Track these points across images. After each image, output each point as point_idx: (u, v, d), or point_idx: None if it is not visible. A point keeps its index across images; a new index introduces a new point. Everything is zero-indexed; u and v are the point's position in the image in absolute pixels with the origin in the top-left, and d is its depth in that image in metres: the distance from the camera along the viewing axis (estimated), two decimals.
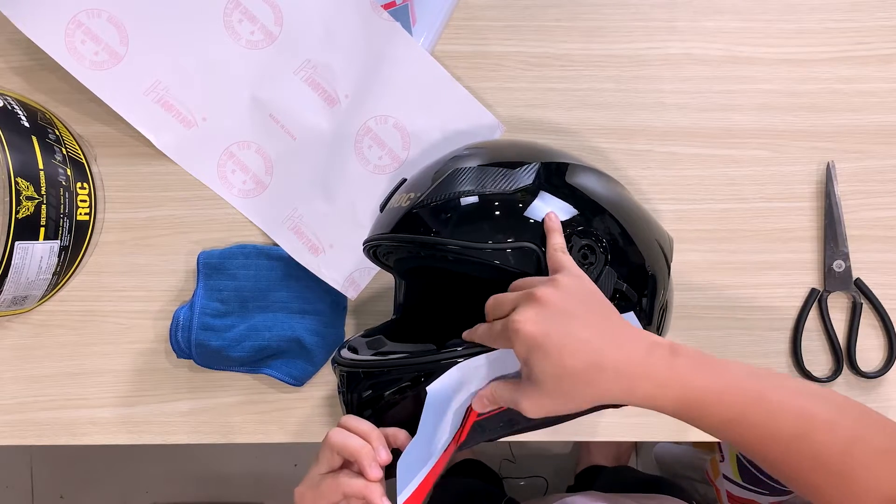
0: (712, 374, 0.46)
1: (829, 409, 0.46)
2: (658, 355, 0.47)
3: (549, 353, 0.46)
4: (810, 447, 0.45)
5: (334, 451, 0.52)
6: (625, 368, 0.46)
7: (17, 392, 0.73)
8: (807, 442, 0.45)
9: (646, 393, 0.46)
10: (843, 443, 0.45)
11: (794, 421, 0.45)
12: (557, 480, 1.47)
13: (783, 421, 0.45)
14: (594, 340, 0.47)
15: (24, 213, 0.65)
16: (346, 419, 0.54)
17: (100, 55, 0.69)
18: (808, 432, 0.45)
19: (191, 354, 0.71)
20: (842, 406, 0.47)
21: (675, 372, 0.46)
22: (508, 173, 0.56)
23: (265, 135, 0.73)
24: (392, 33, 0.71)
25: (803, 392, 0.47)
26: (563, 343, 0.46)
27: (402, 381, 0.55)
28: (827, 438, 0.45)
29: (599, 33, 0.75)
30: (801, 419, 0.45)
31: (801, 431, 0.45)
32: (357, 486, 0.50)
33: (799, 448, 0.45)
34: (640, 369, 0.46)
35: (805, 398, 0.46)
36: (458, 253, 0.54)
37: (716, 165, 0.74)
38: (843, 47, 0.75)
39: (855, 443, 0.45)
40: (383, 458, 0.51)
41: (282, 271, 0.73)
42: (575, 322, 0.47)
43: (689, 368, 0.46)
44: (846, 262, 0.73)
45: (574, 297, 0.48)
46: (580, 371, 0.46)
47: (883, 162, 0.75)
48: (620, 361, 0.46)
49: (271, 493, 1.55)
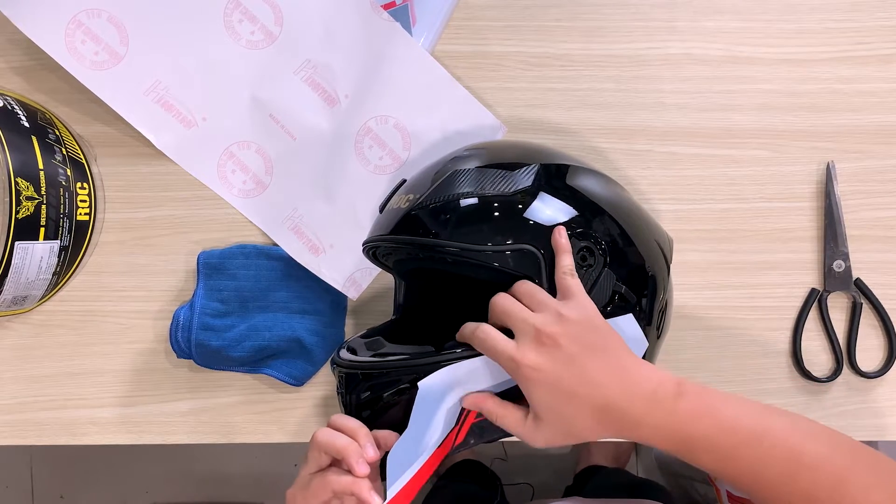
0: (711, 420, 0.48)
1: (818, 448, 0.47)
2: (662, 401, 0.48)
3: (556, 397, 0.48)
4: (800, 487, 0.46)
5: (321, 451, 0.52)
6: (630, 413, 0.48)
7: (17, 392, 0.74)
8: (796, 482, 0.46)
9: (645, 436, 0.48)
10: (832, 481, 0.45)
11: (783, 463, 0.46)
12: (557, 480, 1.47)
13: (773, 463, 0.46)
14: (602, 384, 0.48)
15: (24, 213, 0.65)
16: (334, 418, 0.54)
17: (100, 55, 0.69)
18: (797, 473, 0.46)
19: (191, 354, 0.71)
20: (832, 442, 0.48)
21: (676, 419, 0.47)
22: (508, 175, 0.56)
23: (265, 135, 0.73)
24: (392, 33, 0.71)
25: (795, 432, 0.48)
26: (572, 390, 0.47)
27: (401, 383, 0.55)
28: (816, 477, 0.46)
29: (599, 33, 0.75)
30: (791, 461, 0.46)
31: (791, 472, 0.46)
32: (345, 483, 0.50)
33: (789, 488, 0.46)
34: (643, 413, 0.48)
35: (796, 438, 0.47)
36: (458, 255, 0.54)
37: (716, 165, 0.74)
38: (843, 47, 0.75)
39: (844, 481, 0.45)
40: (370, 455, 0.51)
41: (282, 271, 0.73)
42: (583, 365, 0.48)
43: (690, 415, 0.48)
44: (846, 262, 0.73)
45: (582, 337, 0.49)
46: (587, 415, 0.48)
47: (883, 162, 0.75)
48: (626, 408, 0.48)
49: (271, 493, 1.55)
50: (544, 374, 0.47)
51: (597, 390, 0.48)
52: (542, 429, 0.49)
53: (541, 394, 0.48)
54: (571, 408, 0.48)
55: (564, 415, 0.48)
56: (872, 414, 0.73)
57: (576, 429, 0.48)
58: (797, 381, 0.74)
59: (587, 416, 0.48)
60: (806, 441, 0.47)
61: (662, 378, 0.49)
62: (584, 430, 0.48)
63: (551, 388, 0.47)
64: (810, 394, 0.74)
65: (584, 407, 0.47)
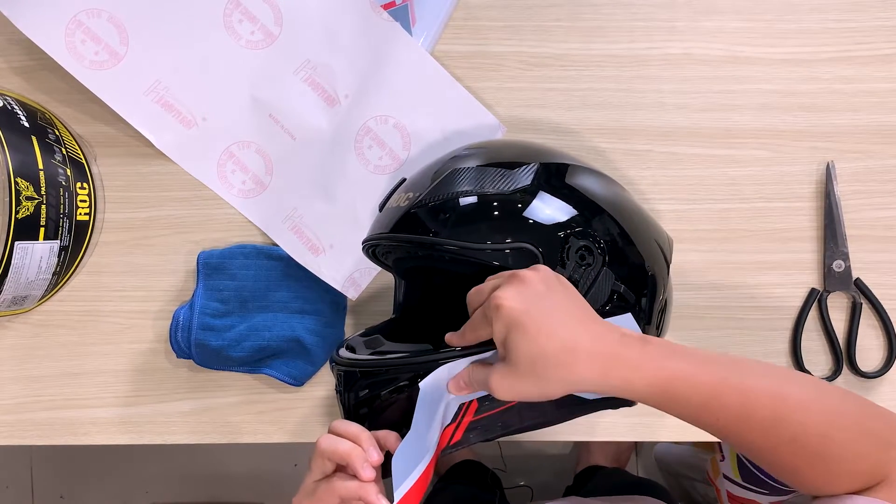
0: (685, 358, 0.47)
1: (805, 391, 0.46)
2: (630, 343, 0.47)
3: (527, 331, 0.46)
4: (787, 429, 0.45)
5: (325, 458, 0.52)
6: (599, 352, 0.47)
7: (17, 392, 0.74)
8: (783, 424, 0.45)
9: (620, 376, 0.46)
10: (820, 424, 0.45)
11: (769, 403, 0.45)
12: (557, 481, 1.47)
13: (758, 403, 0.45)
14: (570, 324, 0.47)
15: (23, 213, 0.65)
16: (334, 424, 0.54)
17: (100, 55, 0.69)
18: (784, 414, 0.45)
19: (191, 354, 0.71)
20: (819, 388, 0.47)
21: (648, 356, 0.47)
22: (507, 174, 0.56)
23: (265, 135, 0.73)
24: (392, 33, 0.72)
25: (779, 375, 0.47)
26: (541, 322, 0.46)
27: (400, 381, 0.55)
28: (803, 419, 0.45)
29: (599, 33, 0.75)
30: (777, 401, 0.45)
31: (777, 413, 0.45)
32: (352, 488, 0.50)
33: (776, 430, 0.45)
34: (614, 352, 0.47)
35: (780, 380, 0.46)
36: (457, 253, 0.54)
37: (716, 165, 0.74)
38: (843, 47, 0.75)
39: (832, 424, 0.45)
40: (374, 459, 0.51)
41: (282, 271, 0.73)
42: (553, 304, 0.48)
43: (662, 353, 0.47)
44: (846, 262, 0.73)
45: (553, 284, 0.49)
46: (555, 352, 0.46)
47: (883, 162, 0.74)
48: (595, 346, 0.47)
49: (271, 493, 1.55)
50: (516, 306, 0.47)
51: (566, 327, 0.47)
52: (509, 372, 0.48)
53: (512, 331, 0.47)
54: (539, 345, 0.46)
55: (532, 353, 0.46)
56: None
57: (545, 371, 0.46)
58: None
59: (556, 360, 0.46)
60: (790, 384, 0.46)
61: (627, 329, 0.49)
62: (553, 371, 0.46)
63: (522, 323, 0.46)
64: None
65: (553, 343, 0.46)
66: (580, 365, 0.46)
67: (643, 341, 0.48)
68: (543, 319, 0.47)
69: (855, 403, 0.47)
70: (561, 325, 0.47)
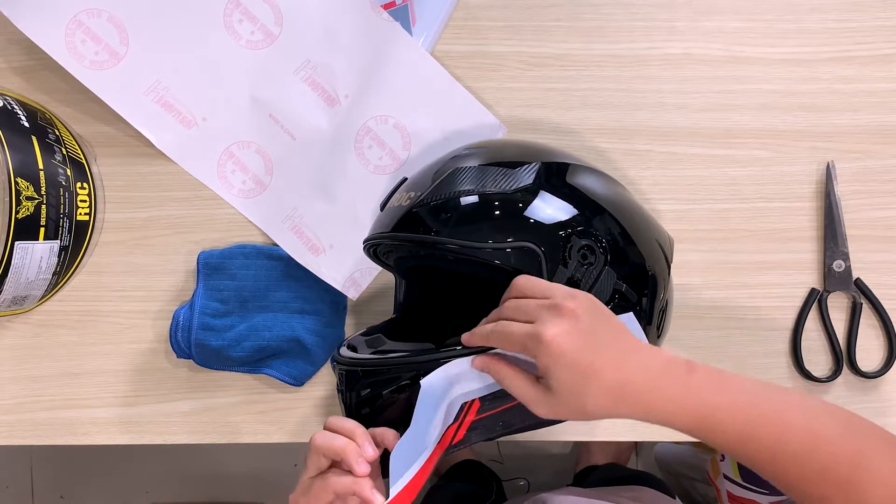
0: (726, 392, 0.48)
1: (834, 424, 0.47)
2: (674, 374, 0.48)
3: (576, 369, 0.47)
4: (818, 461, 0.46)
5: (320, 454, 0.52)
6: (645, 387, 0.47)
7: (17, 392, 0.74)
8: (815, 456, 0.46)
9: (663, 410, 0.47)
10: (849, 455, 0.46)
11: (802, 438, 0.46)
12: (557, 481, 1.47)
13: (792, 438, 0.46)
14: (618, 358, 0.48)
15: (24, 213, 0.65)
16: (330, 420, 0.54)
17: (100, 55, 0.69)
18: (816, 448, 0.46)
19: (191, 354, 0.71)
20: (846, 420, 0.48)
21: (691, 390, 0.47)
22: (509, 173, 0.56)
23: (265, 135, 0.73)
24: (392, 33, 0.72)
25: (810, 409, 0.48)
26: (591, 360, 0.47)
27: (401, 380, 0.55)
28: (834, 450, 0.46)
29: (599, 33, 0.75)
30: (809, 436, 0.46)
31: (810, 447, 0.46)
32: (346, 483, 0.50)
33: (807, 463, 0.46)
34: (659, 387, 0.47)
35: (812, 415, 0.47)
36: (458, 252, 0.54)
37: (716, 165, 0.74)
38: (843, 47, 0.75)
39: (861, 454, 0.46)
40: (369, 454, 0.51)
41: (282, 271, 0.73)
42: (600, 337, 0.48)
43: (704, 386, 0.48)
44: (846, 262, 0.73)
45: (596, 313, 0.49)
46: (605, 390, 0.47)
47: (883, 162, 0.75)
48: (640, 381, 0.47)
49: (271, 493, 1.55)
50: (566, 344, 0.47)
51: (615, 363, 0.47)
52: (551, 400, 0.48)
53: (560, 368, 0.47)
54: (588, 384, 0.47)
55: (579, 390, 0.47)
56: (872, 414, 0.73)
57: (588, 405, 0.47)
58: (797, 381, 0.74)
59: (602, 394, 0.47)
60: (822, 416, 0.47)
61: (671, 355, 0.49)
62: (597, 407, 0.47)
63: (571, 361, 0.46)
64: (810, 394, 0.74)
65: (602, 384, 0.47)
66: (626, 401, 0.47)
67: (688, 371, 0.48)
68: (593, 356, 0.47)
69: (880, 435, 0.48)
70: (610, 361, 0.47)
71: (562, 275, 0.53)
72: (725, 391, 0.48)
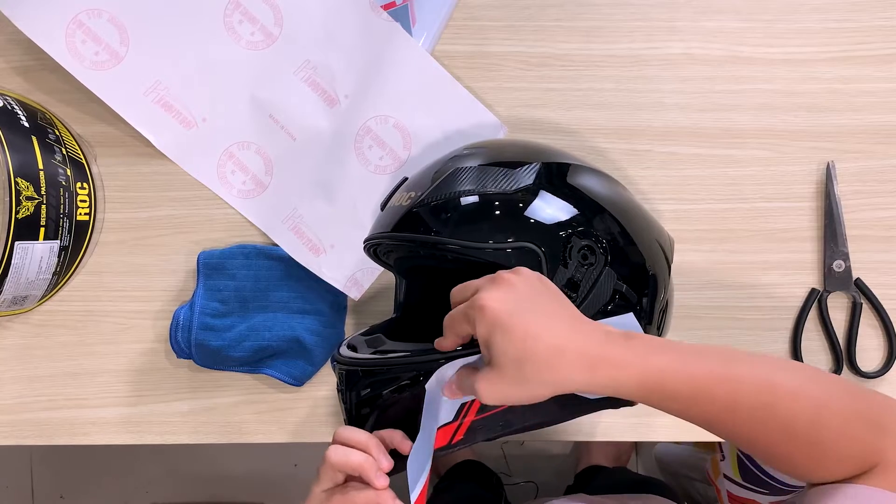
0: (670, 353, 0.47)
1: (794, 378, 0.46)
2: (615, 340, 0.47)
3: (512, 334, 0.46)
4: (777, 418, 0.45)
5: (335, 469, 0.52)
6: (584, 351, 0.46)
7: (17, 392, 0.74)
8: (773, 412, 0.45)
9: (606, 374, 0.46)
10: (810, 411, 0.45)
11: (757, 392, 0.45)
12: (558, 480, 1.47)
13: (746, 392, 0.45)
14: (555, 325, 0.47)
15: (24, 213, 0.65)
16: (339, 433, 0.54)
17: (100, 55, 0.69)
18: (773, 403, 0.45)
19: (191, 354, 0.71)
20: (808, 374, 0.47)
21: (633, 352, 0.46)
22: (509, 173, 0.56)
23: (265, 135, 0.73)
24: (392, 34, 0.72)
25: (768, 363, 0.47)
26: (527, 324, 0.46)
27: (401, 380, 0.55)
28: (793, 407, 0.45)
29: (599, 33, 0.75)
30: (765, 390, 0.45)
31: (766, 402, 0.45)
32: (369, 497, 0.50)
33: (766, 419, 0.45)
34: (599, 352, 0.46)
35: (769, 369, 0.46)
36: (459, 252, 0.54)
37: (716, 165, 0.74)
38: (843, 47, 0.75)
39: (822, 410, 0.45)
40: (385, 466, 0.51)
41: (282, 271, 0.73)
42: (538, 306, 0.47)
43: (647, 349, 0.47)
44: (846, 262, 0.73)
45: (536, 285, 0.49)
46: (542, 354, 0.46)
47: (883, 162, 0.75)
48: (580, 346, 0.46)
49: (271, 493, 1.55)
50: (501, 309, 0.46)
51: (551, 329, 0.47)
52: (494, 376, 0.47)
53: (497, 333, 0.46)
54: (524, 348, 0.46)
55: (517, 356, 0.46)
56: None
57: (527, 372, 0.46)
58: None
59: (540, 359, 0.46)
60: (778, 372, 0.46)
61: (611, 327, 0.49)
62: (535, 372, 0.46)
63: (507, 326, 0.46)
64: None
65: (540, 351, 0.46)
66: (567, 366, 0.46)
67: (627, 337, 0.47)
68: (528, 321, 0.46)
69: (845, 387, 0.47)
70: (546, 326, 0.47)
71: (562, 275, 0.53)
72: (670, 352, 0.47)
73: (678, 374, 0.46)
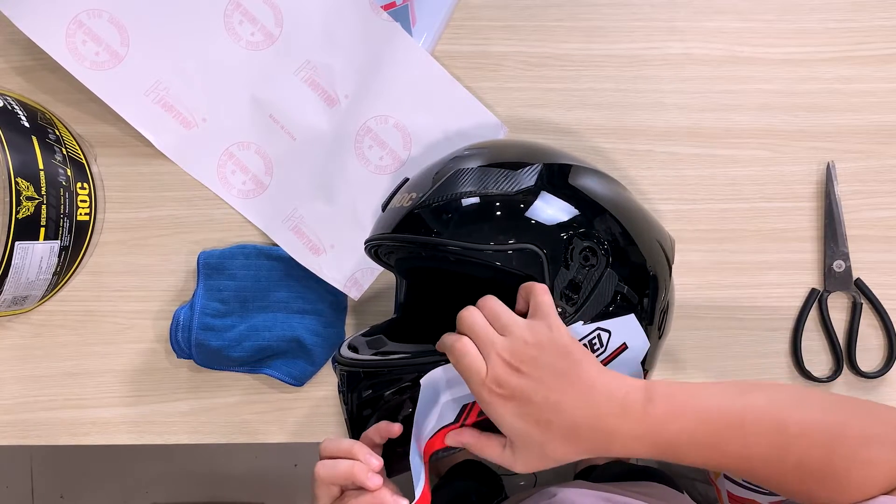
0: (685, 415, 0.47)
1: (804, 414, 0.46)
2: (631, 411, 0.47)
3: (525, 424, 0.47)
4: (790, 457, 0.45)
5: (328, 484, 0.52)
6: (600, 428, 0.47)
7: (18, 392, 0.74)
8: (785, 454, 0.45)
9: (622, 447, 0.47)
10: (822, 446, 0.45)
11: (769, 438, 0.46)
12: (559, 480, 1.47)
13: (759, 441, 0.46)
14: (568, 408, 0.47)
15: (24, 214, 0.65)
16: (324, 447, 0.54)
17: (100, 55, 0.69)
18: (785, 444, 0.45)
19: (191, 354, 0.71)
20: (819, 405, 0.47)
21: (649, 422, 0.47)
22: (510, 174, 0.56)
23: (265, 135, 0.73)
24: (392, 34, 0.71)
25: (775, 403, 0.47)
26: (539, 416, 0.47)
27: (402, 382, 0.55)
28: (805, 444, 0.45)
29: (599, 33, 0.75)
30: (777, 434, 0.45)
31: (778, 444, 0.45)
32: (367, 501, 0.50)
33: (779, 461, 0.45)
34: (615, 428, 0.47)
35: (781, 409, 0.46)
36: (460, 254, 0.54)
37: (716, 165, 0.74)
38: (843, 47, 0.75)
39: (836, 441, 0.45)
40: (375, 465, 0.51)
41: (282, 271, 0.73)
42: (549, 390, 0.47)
43: (663, 416, 0.47)
44: (846, 262, 0.73)
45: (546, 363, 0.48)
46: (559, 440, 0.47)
47: (883, 162, 0.75)
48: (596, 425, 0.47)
49: (271, 494, 1.55)
50: (511, 404, 0.47)
51: (564, 414, 0.47)
52: (519, 456, 0.49)
53: (511, 421, 0.48)
54: (542, 434, 0.47)
55: (536, 441, 0.48)
56: None
57: (551, 453, 0.48)
58: (797, 381, 0.74)
59: (559, 441, 0.47)
60: (789, 411, 0.46)
61: (629, 388, 0.48)
62: (558, 454, 0.48)
63: (519, 416, 0.47)
64: None
65: (554, 432, 0.47)
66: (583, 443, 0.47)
67: (646, 401, 0.47)
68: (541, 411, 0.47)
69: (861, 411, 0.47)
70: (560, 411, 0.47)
71: (564, 276, 0.53)
72: (684, 414, 0.47)
73: (692, 439, 0.47)
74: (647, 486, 0.80)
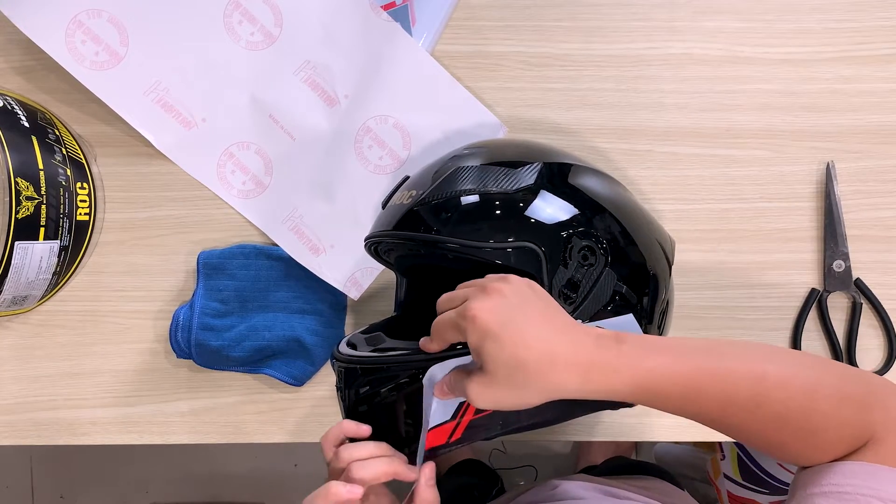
0: (661, 354, 0.47)
1: (783, 367, 0.46)
2: (606, 345, 0.47)
3: (503, 343, 0.46)
4: (769, 408, 0.45)
5: None
6: (575, 358, 0.46)
7: (17, 392, 0.74)
8: (765, 403, 0.45)
9: (599, 380, 0.47)
10: (801, 399, 0.45)
11: (748, 385, 0.45)
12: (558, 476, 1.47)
13: (738, 387, 0.46)
14: (546, 333, 0.47)
15: (24, 213, 0.65)
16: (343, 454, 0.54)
17: (100, 55, 0.69)
18: (764, 393, 0.45)
19: (191, 354, 0.71)
20: (797, 360, 0.47)
21: (624, 356, 0.47)
22: (510, 173, 0.56)
23: (265, 135, 0.73)
24: (392, 34, 0.72)
25: (757, 354, 0.47)
26: (518, 333, 0.46)
27: (400, 378, 0.55)
28: (784, 395, 0.45)
29: (599, 33, 0.75)
30: (756, 382, 0.45)
31: (757, 392, 0.45)
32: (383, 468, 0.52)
33: (758, 410, 0.45)
34: (590, 358, 0.47)
35: (759, 360, 0.47)
36: (459, 251, 0.54)
37: (716, 165, 0.74)
38: (843, 47, 0.75)
39: (813, 396, 0.45)
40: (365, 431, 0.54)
41: (282, 271, 0.73)
42: (528, 313, 0.47)
43: (638, 352, 0.47)
44: (846, 262, 0.73)
45: (526, 292, 0.49)
46: (533, 362, 0.46)
47: (883, 162, 0.75)
48: (571, 352, 0.47)
49: (271, 493, 1.55)
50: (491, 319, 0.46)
51: (542, 336, 0.47)
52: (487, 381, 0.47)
53: (488, 342, 0.46)
54: (516, 355, 0.46)
55: (509, 364, 0.46)
56: None
57: (519, 379, 0.47)
58: None
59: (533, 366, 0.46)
60: (768, 361, 0.47)
61: (602, 330, 0.49)
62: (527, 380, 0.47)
63: (497, 335, 0.46)
64: None
65: (529, 354, 0.46)
66: (558, 373, 0.46)
67: (618, 341, 0.48)
68: (519, 330, 0.46)
69: (834, 371, 0.47)
70: (536, 334, 0.47)
71: (562, 275, 0.53)
72: (661, 353, 0.47)
73: (670, 376, 0.46)
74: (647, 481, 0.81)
